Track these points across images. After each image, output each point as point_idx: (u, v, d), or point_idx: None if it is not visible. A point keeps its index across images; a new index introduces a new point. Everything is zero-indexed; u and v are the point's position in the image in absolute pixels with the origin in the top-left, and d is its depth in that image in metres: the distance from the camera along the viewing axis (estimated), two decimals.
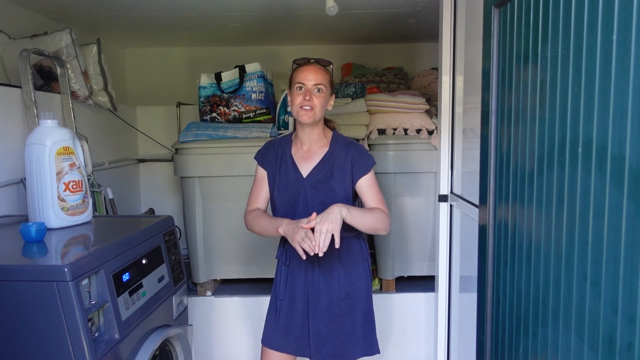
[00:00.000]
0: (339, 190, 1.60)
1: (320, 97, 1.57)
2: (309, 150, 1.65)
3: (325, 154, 1.64)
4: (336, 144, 1.65)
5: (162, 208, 3.40)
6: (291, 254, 1.65)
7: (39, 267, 1.23)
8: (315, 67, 1.59)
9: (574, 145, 0.90)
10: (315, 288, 1.63)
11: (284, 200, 1.63)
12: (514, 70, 1.19)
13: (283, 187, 1.63)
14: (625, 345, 0.75)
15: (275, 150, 1.69)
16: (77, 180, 1.60)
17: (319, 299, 1.63)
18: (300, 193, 1.61)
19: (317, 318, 1.63)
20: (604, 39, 0.80)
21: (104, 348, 1.24)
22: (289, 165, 1.64)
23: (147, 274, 1.51)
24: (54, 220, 1.55)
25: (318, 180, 1.61)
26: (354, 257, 1.67)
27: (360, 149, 1.65)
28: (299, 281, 1.65)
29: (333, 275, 1.63)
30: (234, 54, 3.45)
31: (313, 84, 1.56)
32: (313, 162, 1.64)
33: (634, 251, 0.73)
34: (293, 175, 1.63)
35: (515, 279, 1.19)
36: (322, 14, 2.66)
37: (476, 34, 1.72)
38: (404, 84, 3.29)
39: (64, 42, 2.31)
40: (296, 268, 1.65)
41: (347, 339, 1.65)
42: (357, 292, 1.66)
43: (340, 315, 1.64)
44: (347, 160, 1.61)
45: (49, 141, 1.53)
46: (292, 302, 1.66)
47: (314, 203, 1.60)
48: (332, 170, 1.61)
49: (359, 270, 1.68)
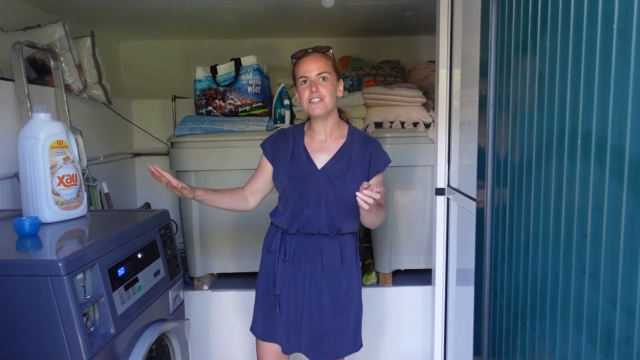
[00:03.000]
0: (353, 187, 1.53)
1: (327, 85, 1.51)
2: (325, 142, 1.60)
3: (342, 145, 1.59)
4: (354, 137, 1.61)
5: (158, 202, 3.39)
6: (292, 249, 1.62)
7: (33, 261, 1.22)
8: (314, 56, 1.54)
9: (573, 137, 0.89)
10: (317, 285, 1.61)
11: (295, 191, 1.58)
12: (512, 61, 1.18)
13: (295, 178, 1.58)
14: (624, 338, 0.75)
15: (286, 140, 1.63)
16: (72, 174, 1.58)
17: (320, 297, 1.61)
18: (314, 185, 1.56)
19: (316, 316, 1.61)
20: (604, 28, 0.79)
21: (99, 343, 1.23)
22: (303, 156, 1.59)
23: (142, 268, 1.50)
24: (48, 214, 1.53)
25: (334, 174, 1.56)
26: (352, 255, 1.67)
27: (379, 146, 1.62)
28: (299, 277, 1.62)
29: (335, 272, 1.61)
30: (230, 46, 3.42)
31: (316, 73, 1.51)
32: (329, 153, 1.58)
33: (632, 243, 0.73)
34: (307, 167, 1.57)
35: (513, 272, 1.19)
36: (318, 6, 2.64)
37: (474, 26, 1.71)
38: (400, 77, 3.27)
39: (57, 35, 2.28)
40: (297, 264, 1.61)
41: (342, 337, 1.64)
42: (353, 288, 1.66)
43: (339, 312, 1.63)
44: (365, 155, 1.58)
45: (43, 135, 1.51)
46: (289, 298, 1.63)
47: (327, 199, 1.56)
48: (350, 164, 1.57)
49: (354, 267, 1.67)
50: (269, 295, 1.67)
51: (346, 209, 1.58)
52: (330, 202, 1.55)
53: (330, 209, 1.57)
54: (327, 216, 1.57)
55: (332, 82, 1.54)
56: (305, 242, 1.61)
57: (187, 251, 2.55)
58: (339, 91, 1.58)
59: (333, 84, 1.54)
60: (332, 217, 1.58)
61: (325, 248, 1.60)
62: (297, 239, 1.61)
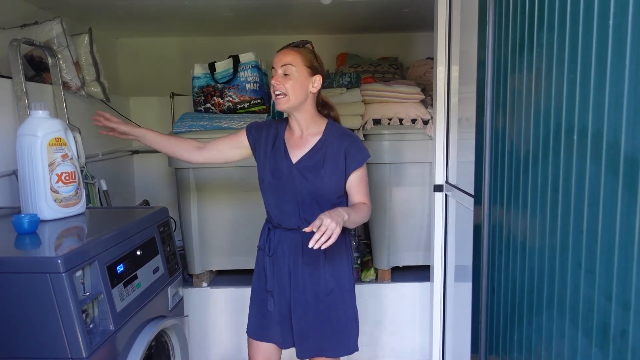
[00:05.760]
0: (329, 182, 1.54)
1: (289, 79, 1.48)
2: (302, 137, 1.60)
3: (317, 142, 1.58)
4: (330, 133, 1.59)
5: (156, 199, 3.38)
6: (275, 244, 1.61)
7: (32, 259, 1.22)
8: (286, 50, 1.53)
9: (569, 133, 0.90)
10: (300, 282, 1.59)
11: (271, 184, 1.59)
12: (509, 58, 1.18)
13: (273, 171, 1.59)
14: (619, 332, 0.76)
15: (270, 130, 1.64)
16: (70, 172, 1.58)
17: (304, 293, 1.59)
18: (289, 180, 1.56)
19: (300, 313, 1.60)
20: (600, 25, 0.79)
21: (98, 339, 1.23)
22: (281, 150, 1.60)
23: (141, 265, 1.50)
24: (46, 211, 1.53)
25: (307, 169, 1.55)
26: (339, 252, 1.62)
27: (356, 140, 1.59)
28: (284, 273, 1.61)
29: (319, 269, 1.58)
30: (228, 43, 3.41)
31: (280, 65, 1.49)
32: (304, 149, 1.58)
33: (628, 238, 0.73)
34: (284, 161, 1.58)
35: (510, 268, 1.19)
36: (316, 2, 2.64)
37: (472, 23, 1.71)
38: (399, 74, 3.27)
39: (55, 32, 2.27)
40: (280, 259, 1.61)
41: (329, 335, 1.61)
42: (341, 288, 1.61)
43: (324, 311, 1.59)
44: (340, 150, 1.55)
45: (41, 132, 1.50)
46: (278, 293, 1.62)
47: (302, 193, 1.55)
48: (325, 159, 1.55)
49: (343, 266, 1.63)
50: (262, 292, 1.67)
51: (321, 205, 1.55)
52: (305, 197, 1.54)
53: (304, 204, 1.55)
54: (302, 211, 1.56)
55: (299, 77, 1.50)
56: (286, 237, 1.60)
57: (186, 248, 2.56)
58: (312, 87, 1.53)
59: (299, 78, 1.50)
60: (307, 212, 1.55)
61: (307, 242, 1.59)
62: (280, 233, 1.61)
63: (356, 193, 1.58)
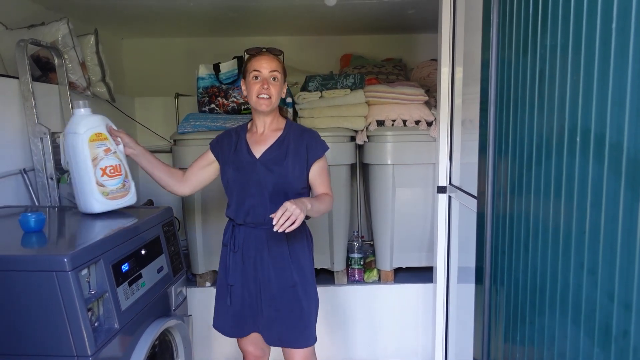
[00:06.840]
0: (292, 171, 1.62)
1: (276, 85, 1.62)
2: (263, 134, 1.69)
3: (280, 136, 1.68)
4: (291, 129, 1.70)
5: (161, 199, 3.40)
6: (240, 241, 1.68)
7: (39, 257, 1.23)
8: (269, 56, 1.65)
9: (572, 134, 0.90)
10: (265, 275, 1.66)
11: (236, 181, 1.66)
12: (512, 60, 1.19)
13: (237, 170, 1.66)
14: (621, 332, 0.76)
15: (230, 138, 1.73)
16: (115, 165, 1.61)
17: (269, 286, 1.66)
18: (253, 174, 1.64)
19: (267, 303, 1.67)
20: (603, 27, 0.80)
21: (103, 338, 1.24)
22: (244, 149, 1.68)
23: (146, 264, 1.52)
24: (96, 205, 1.57)
25: (271, 160, 1.64)
26: (301, 247, 1.70)
27: (315, 135, 1.70)
28: (249, 268, 1.67)
29: (284, 262, 1.66)
30: (233, 44, 3.42)
31: (269, 71, 1.61)
32: (267, 144, 1.67)
33: (630, 239, 0.74)
34: (247, 158, 1.66)
35: (513, 268, 1.20)
36: (321, 4, 2.64)
37: (476, 24, 1.71)
38: (403, 75, 3.28)
39: (61, 33, 2.29)
40: (245, 255, 1.67)
41: (293, 328, 1.67)
42: (305, 282, 1.69)
43: (288, 303, 1.66)
44: (302, 144, 1.66)
45: (81, 129, 1.55)
46: (243, 287, 1.68)
47: (267, 186, 1.63)
48: (287, 152, 1.65)
49: (306, 261, 1.71)
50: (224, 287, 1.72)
51: (286, 196, 1.61)
52: (270, 189, 1.62)
53: (270, 195, 1.63)
54: (268, 202, 1.62)
55: (280, 84, 1.65)
56: (252, 233, 1.66)
57: (190, 248, 2.57)
58: (283, 92, 1.69)
59: (281, 85, 1.66)
60: (273, 204, 1.60)
61: (272, 237, 1.64)
62: (245, 230, 1.67)
63: (319, 184, 1.67)
